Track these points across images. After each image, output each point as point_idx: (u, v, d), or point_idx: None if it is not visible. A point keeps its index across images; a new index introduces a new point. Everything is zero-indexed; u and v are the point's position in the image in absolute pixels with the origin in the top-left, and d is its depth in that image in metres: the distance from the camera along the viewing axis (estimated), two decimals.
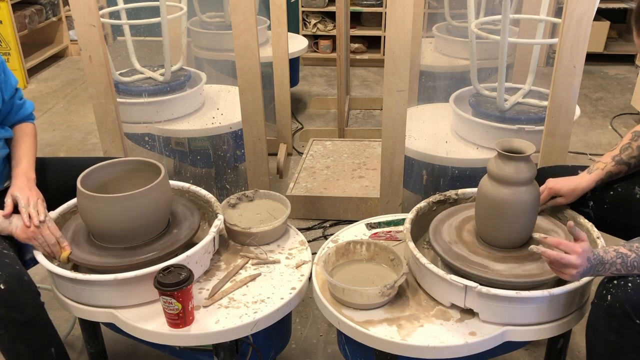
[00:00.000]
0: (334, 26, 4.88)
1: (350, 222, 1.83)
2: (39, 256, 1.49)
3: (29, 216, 1.50)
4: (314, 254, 1.62)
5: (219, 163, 2.75)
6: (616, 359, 1.26)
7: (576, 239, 1.27)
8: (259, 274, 1.56)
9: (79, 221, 1.62)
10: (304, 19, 4.97)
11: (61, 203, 1.67)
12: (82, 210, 1.53)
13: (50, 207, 1.61)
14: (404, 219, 1.66)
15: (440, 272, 1.38)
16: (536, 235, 1.31)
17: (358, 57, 4.95)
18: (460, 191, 1.72)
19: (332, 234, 1.77)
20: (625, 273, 1.24)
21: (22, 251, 1.57)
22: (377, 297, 1.39)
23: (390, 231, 1.72)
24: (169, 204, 1.59)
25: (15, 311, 1.36)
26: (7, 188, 1.59)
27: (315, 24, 4.96)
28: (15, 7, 4.41)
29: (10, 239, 1.52)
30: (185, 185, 1.78)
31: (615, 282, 1.25)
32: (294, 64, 3.62)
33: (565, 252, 1.24)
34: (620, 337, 1.23)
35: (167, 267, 1.37)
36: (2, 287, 1.34)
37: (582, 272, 1.25)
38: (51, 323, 1.47)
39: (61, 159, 1.88)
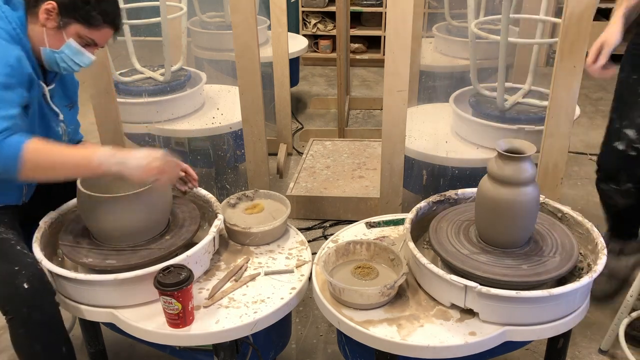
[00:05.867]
0: (334, 26, 4.88)
1: (350, 222, 1.83)
2: (40, 255, 1.48)
3: None
4: (314, 254, 1.61)
5: (219, 163, 2.75)
6: None
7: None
8: (259, 274, 1.56)
9: (79, 221, 1.62)
10: (304, 19, 4.97)
11: (66, 199, 1.67)
12: (82, 211, 1.53)
13: (57, 203, 1.63)
14: (404, 219, 1.66)
15: (440, 272, 1.38)
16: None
17: (358, 57, 4.95)
18: (460, 191, 1.72)
19: (332, 234, 1.77)
20: None
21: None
22: (377, 297, 1.39)
23: None
24: (168, 204, 1.59)
25: (36, 311, 1.36)
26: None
27: (315, 24, 4.96)
28: None
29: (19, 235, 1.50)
30: None
31: None
32: (294, 64, 3.62)
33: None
34: None
35: (167, 267, 1.37)
36: (26, 287, 1.34)
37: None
38: (63, 322, 1.46)
39: None
